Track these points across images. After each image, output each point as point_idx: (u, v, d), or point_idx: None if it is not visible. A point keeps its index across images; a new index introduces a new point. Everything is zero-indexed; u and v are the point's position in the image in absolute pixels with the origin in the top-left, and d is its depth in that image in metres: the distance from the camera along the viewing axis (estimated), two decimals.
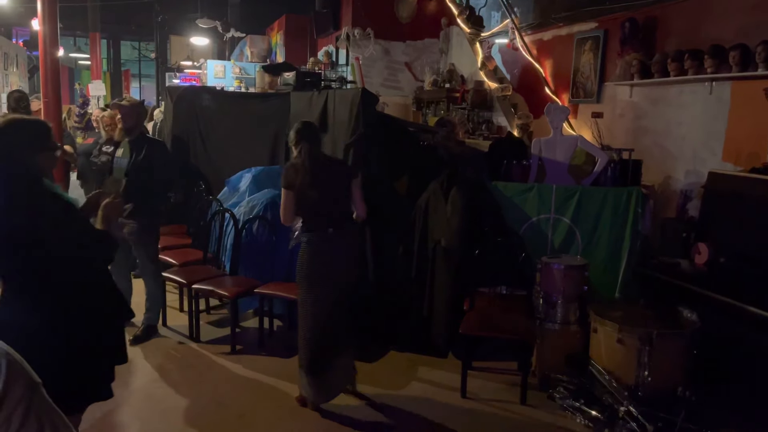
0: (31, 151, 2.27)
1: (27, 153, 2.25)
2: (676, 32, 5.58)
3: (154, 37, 14.18)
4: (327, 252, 3.46)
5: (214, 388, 3.82)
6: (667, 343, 3.26)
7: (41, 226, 2.15)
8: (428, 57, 8.89)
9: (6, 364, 1.05)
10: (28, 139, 2.28)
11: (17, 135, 2.26)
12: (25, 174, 2.22)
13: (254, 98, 6.61)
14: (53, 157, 2.38)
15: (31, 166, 2.25)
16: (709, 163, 4.98)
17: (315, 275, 3.46)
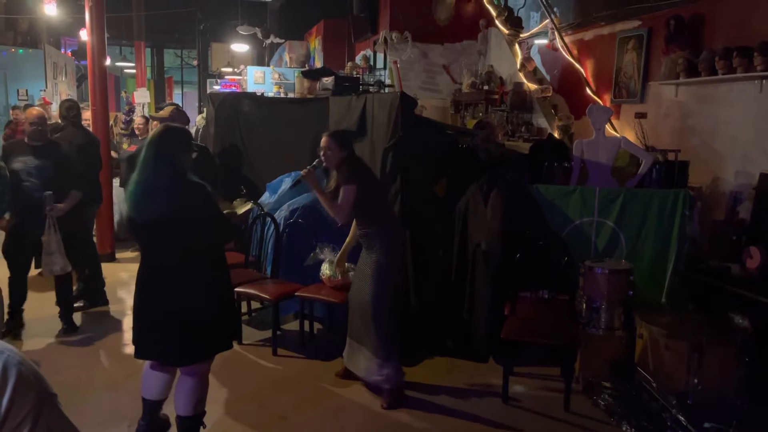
0: (181, 150, 2.90)
1: (179, 152, 2.89)
2: (723, 29, 5.41)
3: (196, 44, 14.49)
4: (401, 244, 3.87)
5: (256, 390, 3.87)
6: (717, 350, 3.16)
7: (188, 207, 2.81)
8: (466, 59, 8.84)
9: (15, 375, 1.03)
10: (179, 142, 2.94)
11: (173, 139, 2.92)
12: (179, 168, 2.86)
13: (293, 103, 6.68)
14: (191, 156, 3.01)
15: (182, 162, 2.89)
16: (760, 163, 4.81)
17: (396, 267, 3.80)
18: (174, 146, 2.89)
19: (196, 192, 2.86)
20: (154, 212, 2.79)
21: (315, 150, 6.07)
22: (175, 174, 2.83)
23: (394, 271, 3.76)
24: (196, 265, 2.88)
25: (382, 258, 3.64)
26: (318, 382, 3.98)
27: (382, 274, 3.64)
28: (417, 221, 4.58)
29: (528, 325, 3.79)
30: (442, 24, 8.73)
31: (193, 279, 2.88)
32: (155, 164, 2.82)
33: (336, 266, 4.24)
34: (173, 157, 2.86)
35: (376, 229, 3.68)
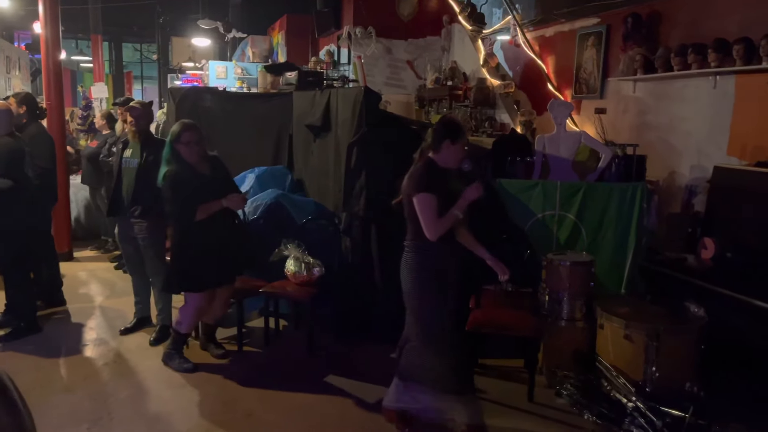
0: (176, 143, 3.76)
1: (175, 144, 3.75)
2: (679, 26, 5.55)
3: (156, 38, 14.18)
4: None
5: (220, 388, 3.82)
6: (674, 339, 3.25)
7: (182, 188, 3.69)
8: (430, 55, 8.88)
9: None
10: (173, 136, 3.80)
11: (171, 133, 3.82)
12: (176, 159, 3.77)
13: (256, 98, 6.61)
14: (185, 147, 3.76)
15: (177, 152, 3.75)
16: (714, 157, 4.96)
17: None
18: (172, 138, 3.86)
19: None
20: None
21: (279, 145, 6.06)
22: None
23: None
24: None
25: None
26: (283, 378, 3.95)
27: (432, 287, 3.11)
28: (383, 216, 4.57)
29: (492, 318, 3.83)
30: (405, 19, 8.75)
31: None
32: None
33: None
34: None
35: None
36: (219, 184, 3.89)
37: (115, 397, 3.67)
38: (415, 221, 3.04)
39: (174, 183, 3.74)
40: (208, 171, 3.90)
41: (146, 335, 4.56)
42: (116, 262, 6.45)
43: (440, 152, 3.06)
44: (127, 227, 4.40)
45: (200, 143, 3.85)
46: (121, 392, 3.74)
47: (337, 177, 4.89)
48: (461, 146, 3.08)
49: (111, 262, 6.66)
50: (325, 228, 4.79)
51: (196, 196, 3.76)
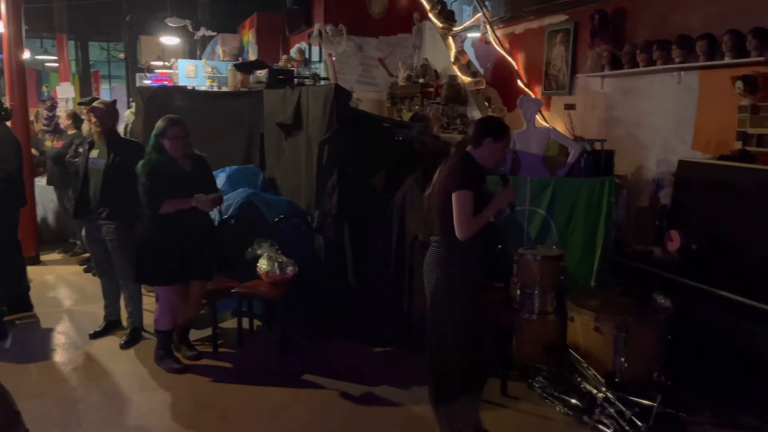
0: (161, 137, 3.81)
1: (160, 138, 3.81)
2: (644, 23, 5.65)
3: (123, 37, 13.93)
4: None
5: (195, 389, 3.79)
6: (642, 330, 3.32)
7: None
8: (402, 52, 8.89)
9: None
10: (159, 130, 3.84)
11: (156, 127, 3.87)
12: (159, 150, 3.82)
13: (226, 97, 6.55)
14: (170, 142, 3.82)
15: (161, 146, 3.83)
16: (679, 151, 5.06)
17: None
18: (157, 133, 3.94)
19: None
20: None
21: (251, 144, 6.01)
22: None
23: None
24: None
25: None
26: (257, 379, 3.93)
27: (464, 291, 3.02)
28: (355, 214, 4.58)
29: None
30: (376, 17, 8.75)
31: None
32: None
33: None
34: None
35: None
36: (198, 183, 3.88)
37: (85, 402, 3.61)
38: (446, 217, 2.91)
39: (151, 170, 3.77)
40: (189, 168, 3.89)
41: (117, 339, 4.49)
42: (85, 265, 6.34)
43: (480, 149, 2.96)
44: (94, 229, 4.33)
45: (185, 139, 3.85)
46: (91, 397, 3.68)
47: (309, 175, 4.87)
48: (503, 147, 3.01)
49: (80, 265, 6.54)
50: (297, 227, 4.77)
51: (171, 189, 3.76)
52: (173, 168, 3.83)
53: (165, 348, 4.09)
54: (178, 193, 3.79)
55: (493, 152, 2.97)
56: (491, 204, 2.93)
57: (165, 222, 3.81)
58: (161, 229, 3.84)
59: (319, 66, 8.59)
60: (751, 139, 4.40)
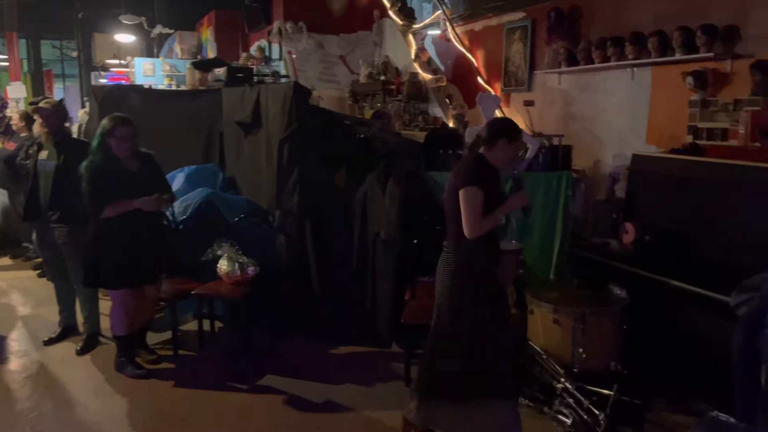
0: (108, 136, 3.70)
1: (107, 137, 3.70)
2: (599, 20, 5.77)
3: (75, 35, 13.54)
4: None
5: (154, 394, 3.71)
6: (599, 321, 3.38)
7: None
8: (363, 50, 8.88)
9: None
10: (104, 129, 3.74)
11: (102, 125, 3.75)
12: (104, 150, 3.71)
13: (184, 96, 6.43)
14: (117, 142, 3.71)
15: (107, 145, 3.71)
16: (634, 146, 5.19)
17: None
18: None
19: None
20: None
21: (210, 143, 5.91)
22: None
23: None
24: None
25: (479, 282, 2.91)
26: (219, 380, 3.87)
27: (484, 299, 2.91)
28: (317, 212, 4.56)
29: (427, 309, 3.85)
30: (336, 14, 8.71)
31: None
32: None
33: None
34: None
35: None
36: (147, 183, 3.77)
37: (39, 411, 3.50)
38: (458, 220, 2.82)
39: (92, 175, 3.65)
40: (137, 168, 3.79)
41: (72, 345, 4.37)
42: (39, 270, 6.15)
43: (494, 149, 2.88)
44: (46, 232, 4.20)
45: (133, 139, 3.75)
46: (45, 405, 3.57)
47: (269, 174, 4.82)
48: (516, 148, 2.96)
49: (33, 269, 6.34)
50: (258, 226, 4.72)
51: (117, 190, 3.66)
52: (118, 169, 3.71)
53: (126, 355, 3.97)
54: (124, 194, 3.68)
55: (507, 153, 2.91)
56: (503, 206, 2.86)
57: (114, 224, 3.70)
58: (110, 231, 3.74)
59: (279, 64, 8.51)
60: (701, 133, 4.55)
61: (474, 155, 2.94)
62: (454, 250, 2.89)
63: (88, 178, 3.65)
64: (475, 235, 2.77)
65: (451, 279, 2.90)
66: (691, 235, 3.77)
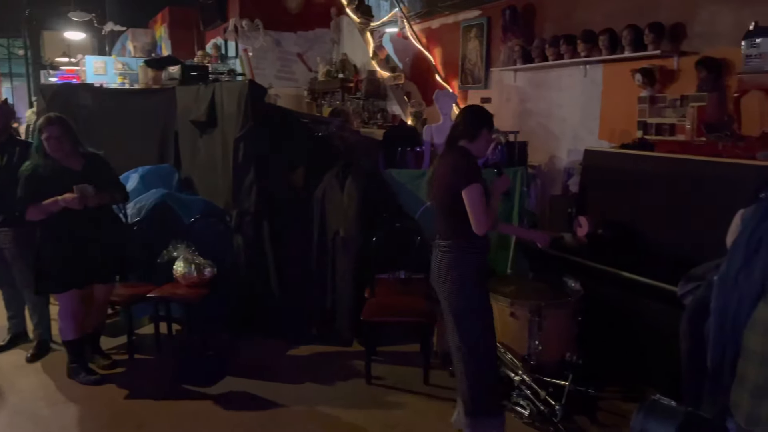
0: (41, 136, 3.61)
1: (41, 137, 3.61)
2: (552, 18, 5.87)
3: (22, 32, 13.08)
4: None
5: (109, 401, 3.63)
6: (554, 313, 3.45)
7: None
8: (320, 47, 8.84)
9: None
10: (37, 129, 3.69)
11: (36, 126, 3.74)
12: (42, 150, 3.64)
13: (137, 94, 6.29)
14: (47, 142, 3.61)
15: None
16: (587, 141, 5.30)
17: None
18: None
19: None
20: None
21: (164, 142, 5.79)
22: None
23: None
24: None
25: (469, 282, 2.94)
26: (176, 385, 3.81)
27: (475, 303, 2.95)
28: (275, 212, 4.52)
29: (387, 306, 3.89)
30: (293, 12, 8.64)
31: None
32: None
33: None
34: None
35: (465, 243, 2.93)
36: (90, 183, 3.64)
37: None
38: (456, 217, 2.82)
39: (26, 176, 3.58)
40: (80, 168, 3.69)
41: (23, 352, 4.23)
42: None
43: (477, 141, 2.89)
44: None
45: (62, 138, 3.65)
46: None
47: (226, 173, 4.76)
48: (492, 135, 2.99)
49: None
50: (215, 226, 4.65)
51: (55, 192, 3.54)
52: (59, 170, 3.61)
53: (78, 361, 3.88)
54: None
55: (488, 142, 2.96)
56: (493, 194, 2.90)
57: (59, 225, 3.61)
58: (55, 233, 3.64)
59: (235, 62, 8.40)
60: (650, 128, 4.67)
61: (460, 151, 2.91)
62: (455, 247, 2.89)
63: (22, 180, 3.57)
64: (486, 230, 2.81)
65: (455, 276, 2.88)
66: (642, 227, 3.89)
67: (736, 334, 1.70)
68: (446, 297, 2.92)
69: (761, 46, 3.67)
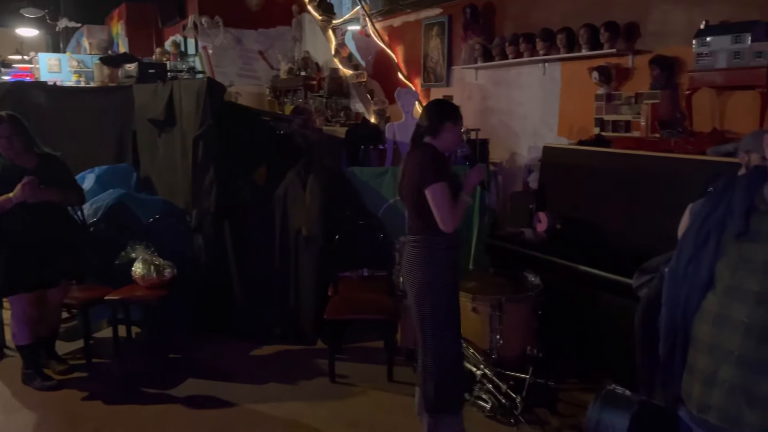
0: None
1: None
2: (511, 17, 5.95)
3: None
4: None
5: (66, 406, 3.54)
6: (514, 307, 3.49)
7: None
8: (282, 45, 8.77)
9: None
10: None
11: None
12: None
13: (93, 93, 6.13)
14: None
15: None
16: (547, 138, 5.39)
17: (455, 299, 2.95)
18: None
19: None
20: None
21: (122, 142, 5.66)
22: None
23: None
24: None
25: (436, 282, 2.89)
26: (136, 388, 3.74)
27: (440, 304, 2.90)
28: (236, 211, 4.47)
29: (350, 304, 3.88)
30: (253, 9, 8.55)
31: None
32: None
33: None
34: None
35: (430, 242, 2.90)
36: (46, 183, 3.55)
37: None
38: (424, 214, 2.78)
39: None
40: (33, 167, 3.60)
41: None
42: None
43: (441, 136, 2.83)
44: None
45: (12, 137, 3.55)
46: None
47: (185, 173, 4.69)
48: (460, 127, 2.92)
49: None
50: (175, 226, 4.57)
51: (7, 191, 3.46)
52: (8, 168, 3.54)
53: (32, 366, 3.77)
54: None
55: (455, 136, 2.88)
56: (465, 187, 2.86)
57: (9, 226, 3.51)
58: (6, 235, 3.54)
59: (195, 59, 8.27)
60: (607, 125, 4.77)
61: (424, 149, 2.87)
62: (423, 244, 2.85)
63: None
64: (454, 228, 2.77)
65: (423, 273, 2.85)
66: (599, 222, 3.97)
67: (686, 325, 1.74)
68: (415, 293, 2.89)
69: (711, 45, 3.79)
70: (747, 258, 1.61)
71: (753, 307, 1.57)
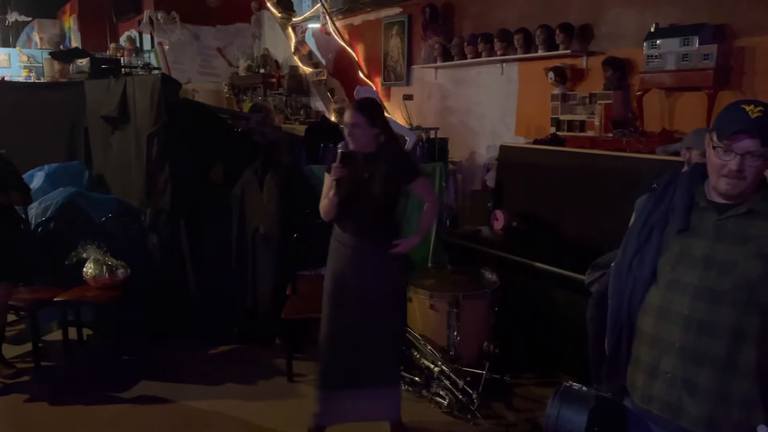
0: None
1: None
2: (470, 17, 6.00)
3: None
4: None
5: (13, 411, 3.43)
6: (471, 304, 3.53)
7: None
8: (241, 42, 8.66)
9: None
10: None
11: None
12: None
13: (43, 88, 5.97)
14: None
15: None
16: (505, 137, 5.46)
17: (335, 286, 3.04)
18: None
19: None
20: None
21: (74, 139, 5.51)
22: None
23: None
24: None
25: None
26: (88, 392, 3.64)
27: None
28: (192, 209, 4.39)
29: (308, 303, 3.85)
30: (212, 5, 8.41)
31: None
32: None
33: None
34: None
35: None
36: None
37: None
38: (391, 209, 2.97)
39: None
40: None
41: None
42: None
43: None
44: None
45: None
46: None
47: (139, 171, 4.59)
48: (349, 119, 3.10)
49: None
50: (129, 226, 4.47)
51: None
52: None
53: None
54: None
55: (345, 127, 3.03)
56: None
57: None
58: None
59: (151, 55, 8.10)
60: (562, 124, 4.86)
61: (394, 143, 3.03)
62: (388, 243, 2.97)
63: None
64: (324, 216, 2.99)
65: (387, 272, 2.98)
66: (554, 219, 4.05)
67: (631, 318, 1.79)
68: (381, 293, 2.96)
69: (661, 47, 3.90)
70: (687, 253, 1.66)
71: (692, 300, 1.62)
